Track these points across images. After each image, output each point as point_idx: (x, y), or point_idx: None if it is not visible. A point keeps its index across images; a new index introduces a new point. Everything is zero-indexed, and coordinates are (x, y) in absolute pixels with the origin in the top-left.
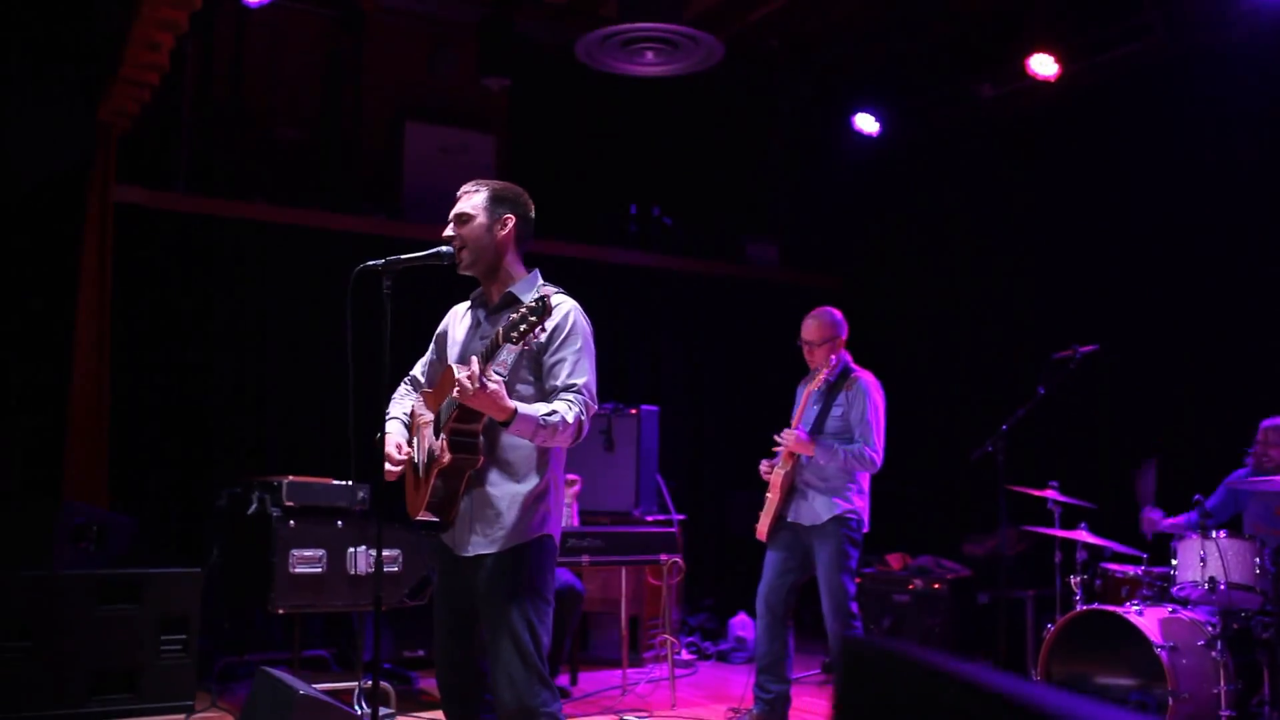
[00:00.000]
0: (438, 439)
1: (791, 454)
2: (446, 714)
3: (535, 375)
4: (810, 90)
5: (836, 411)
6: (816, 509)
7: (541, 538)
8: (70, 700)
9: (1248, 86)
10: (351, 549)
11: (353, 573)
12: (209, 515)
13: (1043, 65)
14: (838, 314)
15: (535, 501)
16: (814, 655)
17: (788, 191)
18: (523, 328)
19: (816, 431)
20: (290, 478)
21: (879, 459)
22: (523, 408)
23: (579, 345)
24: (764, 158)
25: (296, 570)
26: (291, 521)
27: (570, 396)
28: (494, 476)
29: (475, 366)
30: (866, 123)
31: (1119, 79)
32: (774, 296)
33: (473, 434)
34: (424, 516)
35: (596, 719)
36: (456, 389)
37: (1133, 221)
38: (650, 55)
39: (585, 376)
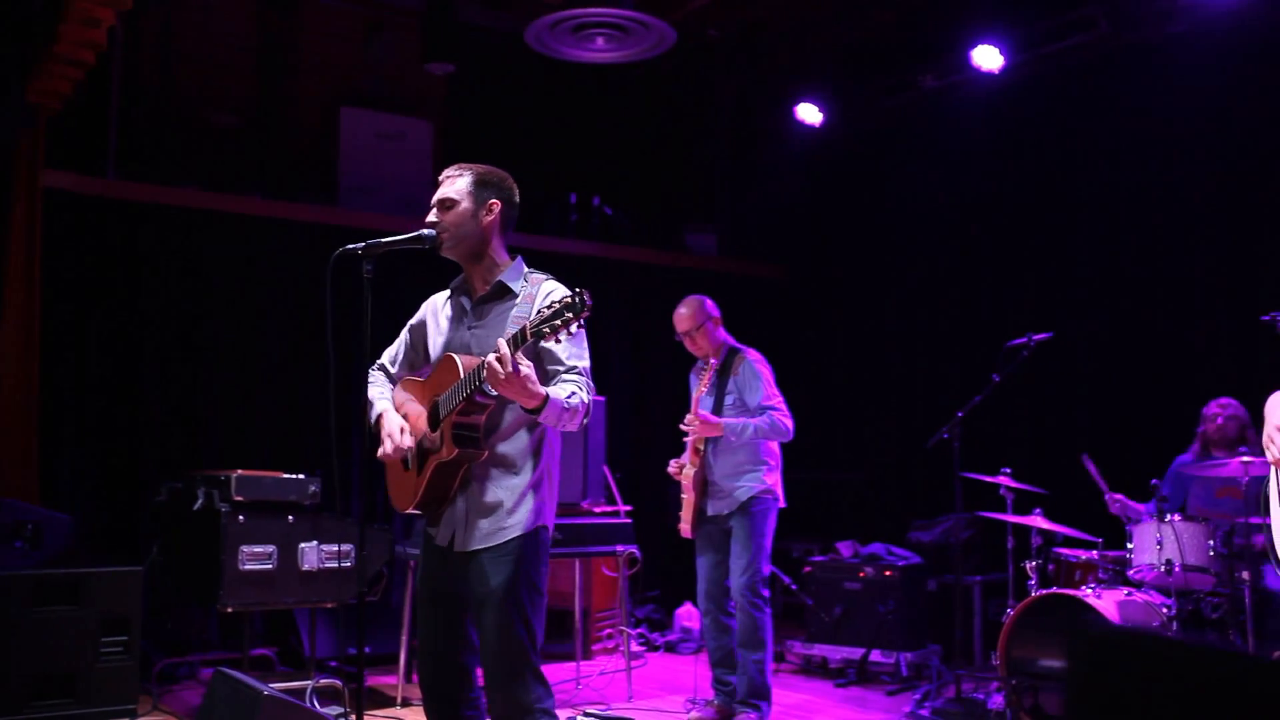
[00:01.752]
0: (434, 432)
1: (698, 450)
2: (429, 712)
3: (530, 360)
4: (751, 79)
5: (729, 399)
6: (733, 497)
7: (537, 530)
8: (9, 706)
9: (1189, 80)
10: (303, 544)
11: (305, 569)
12: (147, 511)
13: (986, 58)
14: (705, 298)
15: (531, 493)
16: None
17: (728, 181)
18: (557, 323)
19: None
20: (240, 471)
21: (790, 424)
22: (551, 391)
23: (576, 329)
24: (704, 147)
25: (246, 567)
26: (241, 517)
27: (575, 378)
28: (491, 470)
29: (504, 349)
30: (809, 112)
31: (1062, 71)
32: (715, 286)
33: (476, 427)
34: (414, 511)
35: None
36: (486, 373)
37: (1079, 211)
38: (600, 41)
39: (586, 360)
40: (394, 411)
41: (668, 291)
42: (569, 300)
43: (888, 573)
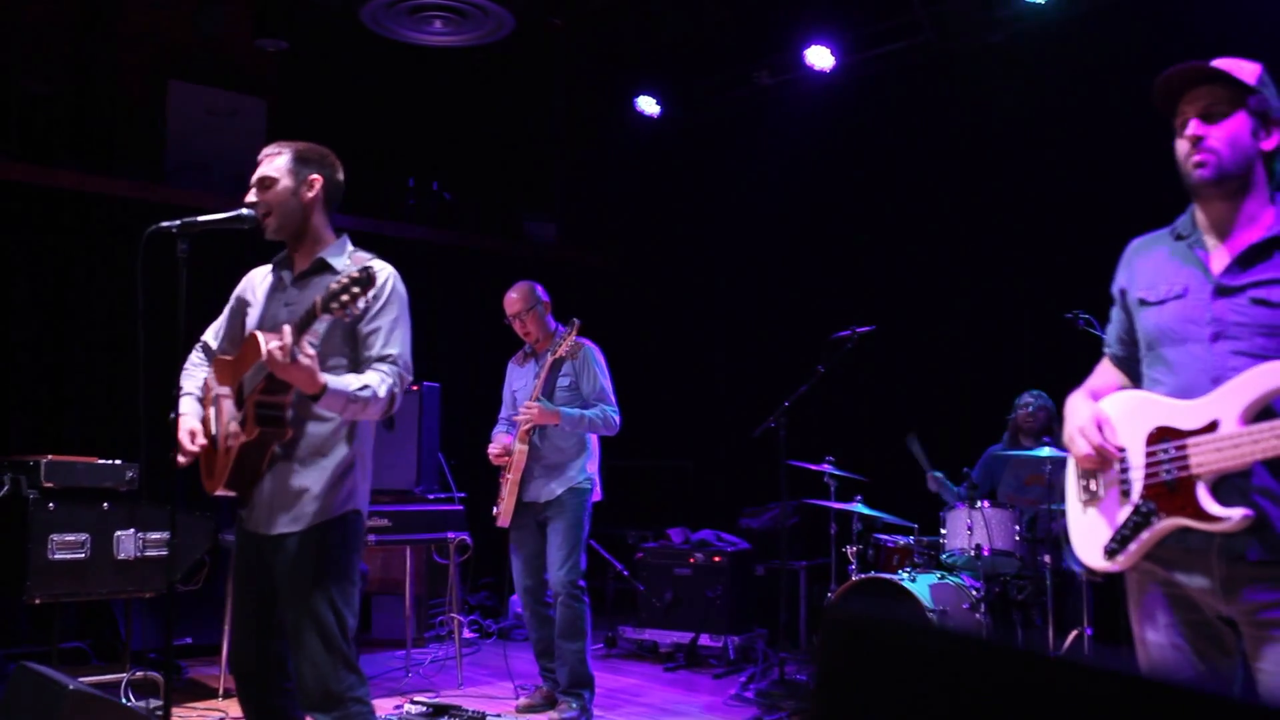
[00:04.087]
0: (240, 411)
1: (528, 433)
2: (243, 702)
3: (350, 345)
4: (592, 69)
5: (563, 382)
6: (552, 486)
7: (347, 514)
8: None
9: (1006, 87)
10: (119, 532)
11: (120, 557)
12: None
13: (820, 57)
14: (535, 283)
15: (342, 476)
16: (597, 630)
17: (567, 170)
18: (344, 298)
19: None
20: (50, 456)
21: (619, 419)
22: (333, 382)
23: (395, 314)
24: (544, 135)
25: (56, 556)
26: (51, 504)
27: (384, 368)
28: (299, 450)
29: (287, 336)
30: (648, 104)
31: (890, 74)
32: (553, 274)
33: (280, 406)
34: (222, 493)
35: (383, 701)
36: (265, 358)
37: (903, 209)
38: (438, 24)
39: (400, 347)
40: (192, 414)
41: (506, 279)
42: (355, 275)
43: (716, 559)
